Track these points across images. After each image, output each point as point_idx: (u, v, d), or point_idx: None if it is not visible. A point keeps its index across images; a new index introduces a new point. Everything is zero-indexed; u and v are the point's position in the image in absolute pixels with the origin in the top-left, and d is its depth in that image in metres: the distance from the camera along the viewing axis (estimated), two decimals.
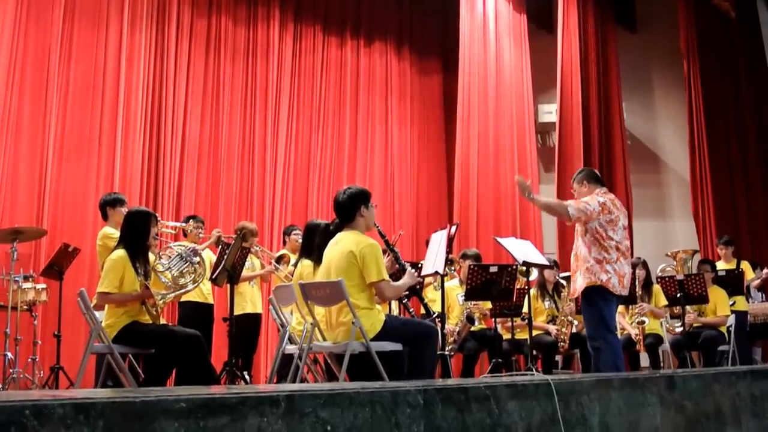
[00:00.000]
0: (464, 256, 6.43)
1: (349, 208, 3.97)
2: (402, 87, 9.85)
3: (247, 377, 5.85)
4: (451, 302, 6.29)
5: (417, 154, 9.87)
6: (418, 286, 4.38)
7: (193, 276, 4.54)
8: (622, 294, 4.50)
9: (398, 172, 9.56)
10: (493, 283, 5.61)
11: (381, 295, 3.90)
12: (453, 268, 6.62)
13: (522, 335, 6.15)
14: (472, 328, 6.26)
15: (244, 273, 5.69)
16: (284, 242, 6.61)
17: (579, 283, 4.53)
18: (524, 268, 5.78)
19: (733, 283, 6.74)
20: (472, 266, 5.74)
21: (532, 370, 5.50)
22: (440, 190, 10.04)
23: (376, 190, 9.12)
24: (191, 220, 6.16)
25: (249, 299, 6.22)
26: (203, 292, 5.92)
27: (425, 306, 4.36)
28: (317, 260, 4.33)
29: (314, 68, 9.03)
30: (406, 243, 9.05)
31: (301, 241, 5.42)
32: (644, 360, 6.53)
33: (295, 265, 5.00)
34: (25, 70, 6.83)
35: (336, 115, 9.18)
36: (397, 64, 9.84)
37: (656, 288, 6.48)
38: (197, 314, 5.86)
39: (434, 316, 4.43)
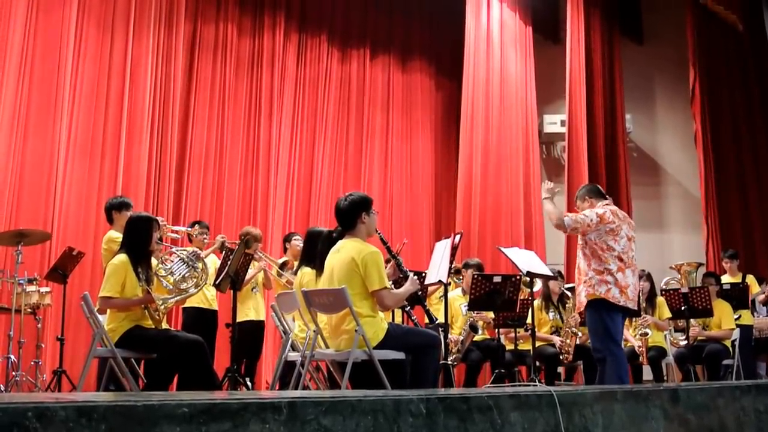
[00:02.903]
0: (466, 266, 6.43)
1: (350, 215, 3.97)
2: (411, 97, 9.79)
3: (249, 383, 5.84)
4: (454, 312, 6.27)
5: (430, 165, 9.78)
6: (420, 293, 4.37)
7: (195, 280, 4.53)
8: (627, 306, 4.48)
9: (405, 182, 9.51)
10: (497, 293, 5.60)
11: (381, 303, 3.88)
12: (460, 278, 6.59)
13: (525, 346, 6.13)
14: (476, 338, 6.24)
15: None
16: (285, 249, 6.61)
17: (581, 298, 4.55)
18: (528, 278, 5.78)
19: (737, 297, 6.71)
20: (475, 276, 5.73)
21: (535, 381, 5.48)
22: (455, 200, 9.92)
23: (376, 199, 9.06)
24: (196, 225, 6.17)
25: (252, 306, 6.21)
26: (207, 297, 5.92)
27: (428, 313, 4.34)
28: (319, 268, 4.33)
29: (319, 77, 9.04)
30: (422, 254, 9.00)
31: (301, 247, 5.41)
32: (647, 373, 6.50)
33: (296, 272, 5.00)
34: (33, 75, 6.86)
35: (340, 124, 9.16)
36: (402, 75, 9.79)
37: (660, 300, 6.45)
38: (201, 320, 5.86)
39: (436, 322, 4.42)
